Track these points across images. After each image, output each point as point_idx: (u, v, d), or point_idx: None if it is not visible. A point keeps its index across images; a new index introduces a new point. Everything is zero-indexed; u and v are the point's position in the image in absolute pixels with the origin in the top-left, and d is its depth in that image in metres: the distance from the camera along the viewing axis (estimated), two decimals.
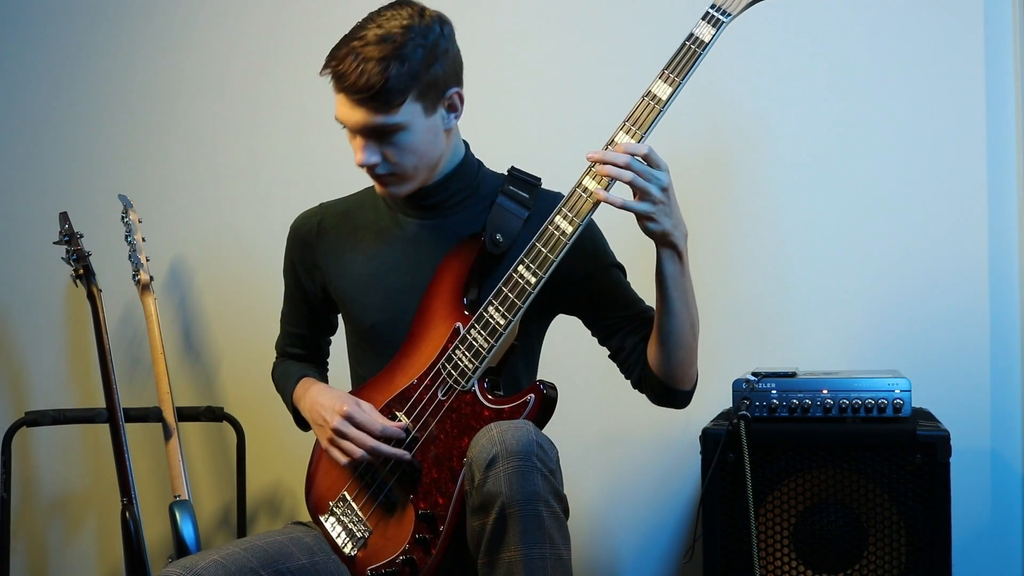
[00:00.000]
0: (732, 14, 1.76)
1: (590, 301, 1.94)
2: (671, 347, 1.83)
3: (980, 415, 2.39)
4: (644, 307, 1.94)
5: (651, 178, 1.70)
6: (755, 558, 1.98)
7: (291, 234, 2.02)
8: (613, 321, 1.93)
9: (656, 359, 1.85)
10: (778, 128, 2.50)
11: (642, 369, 1.90)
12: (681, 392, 1.89)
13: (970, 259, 2.41)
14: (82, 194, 2.95)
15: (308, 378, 2.00)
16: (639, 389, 1.94)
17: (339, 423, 1.81)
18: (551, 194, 1.93)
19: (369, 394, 1.89)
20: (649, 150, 1.71)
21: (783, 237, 2.50)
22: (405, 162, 1.81)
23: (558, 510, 1.61)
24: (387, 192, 1.87)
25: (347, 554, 1.84)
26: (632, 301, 1.94)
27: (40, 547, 2.98)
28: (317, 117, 2.79)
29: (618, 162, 1.69)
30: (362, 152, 1.80)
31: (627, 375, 1.94)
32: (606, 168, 1.70)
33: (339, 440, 1.82)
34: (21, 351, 3.02)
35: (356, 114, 1.77)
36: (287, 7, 2.85)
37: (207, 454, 2.89)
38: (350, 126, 1.80)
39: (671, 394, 1.89)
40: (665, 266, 1.78)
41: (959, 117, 2.42)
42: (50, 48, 3.01)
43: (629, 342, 1.91)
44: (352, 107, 1.77)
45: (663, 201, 1.71)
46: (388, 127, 1.77)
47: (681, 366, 1.85)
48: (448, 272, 1.86)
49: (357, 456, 1.80)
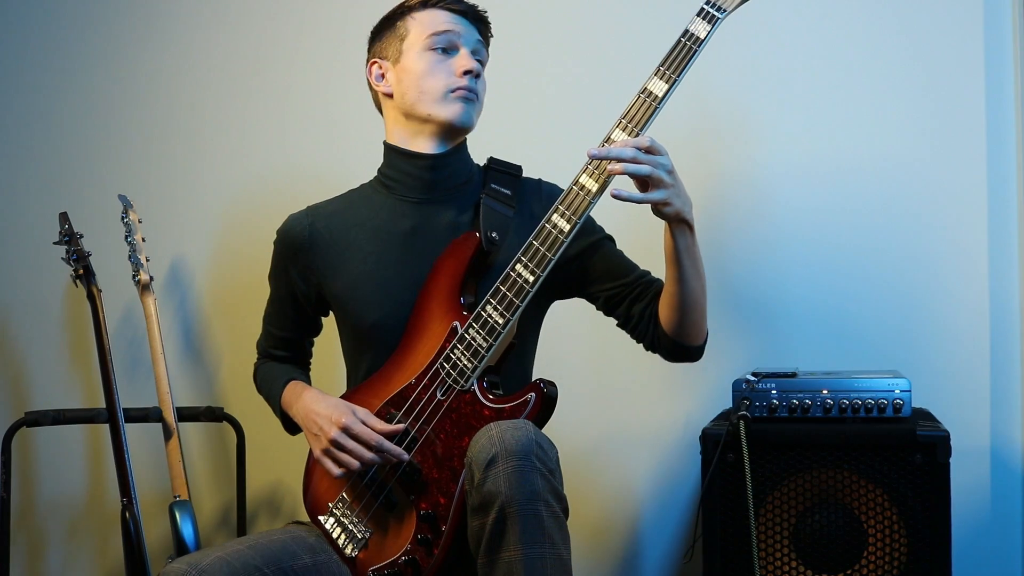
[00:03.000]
0: (727, 10, 1.76)
1: (587, 277, 1.96)
2: (686, 311, 1.86)
3: (980, 415, 2.39)
4: (642, 272, 1.97)
5: (659, 165, 1.71)
6: (755, 558, 1.98)
7: (280, 239, 2.01)
8: (615, 291, 1.95)
9: (671, 324, 1.88)
10: (777, 127, 2.50)
11: (654, 332, 1.92)
12: (695, 347, 1.93)
13: (970, 259, 2.41)
14: (82, 194, 2.95)
15: (296, 381, 1.99)
16: (652, 350, 1.96)
17: (336, 435, 1.80)
18: (533, 182, 1.99)
19: (366, 395, 1.89)
20: (651, 141, 1.72)
21: (783, 237, 2.49)
22: (482, 92, 1.98)
23: (558, 510, 1.61)
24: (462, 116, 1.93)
25: (348, 555, 1.84)
26: (629, 268, 1.97)
27: (40, 547, 2.98)
28: (318, 118, 2.80)
29: (625, 156, 1.70)
30: (470, 59, 1.94)
31: (639, 339, 1.97)
32: (616, 165, 1.71)
33: (335, 452, 1.81)
34: (21, 351, 3.02)
35: (471, 31, 1.97)
36: (287, 8, 2.85)
37: (207, 454, 2.89)
38: (462, 38, 1.95)
39: (685, 351, 1.92)
40: (678, 241, 1.80)
41: (959, 117, 2.42)
42: (50, 48, 3.01)
43: (636, 309, 1.93)
44: (468, 25, 1.97)
45: (673, 184, 1.73)
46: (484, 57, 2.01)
47: (695, 326, 1.89)
48: (444, 271, 1.86)
49: (353, 468, 1.80)
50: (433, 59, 1.92)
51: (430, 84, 1.92)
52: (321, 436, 1.83)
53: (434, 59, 1.92)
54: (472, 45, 1.96)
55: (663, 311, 1.89)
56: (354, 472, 1.81)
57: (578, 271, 1.95)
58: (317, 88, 2.80)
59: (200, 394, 2.88)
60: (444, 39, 1.93)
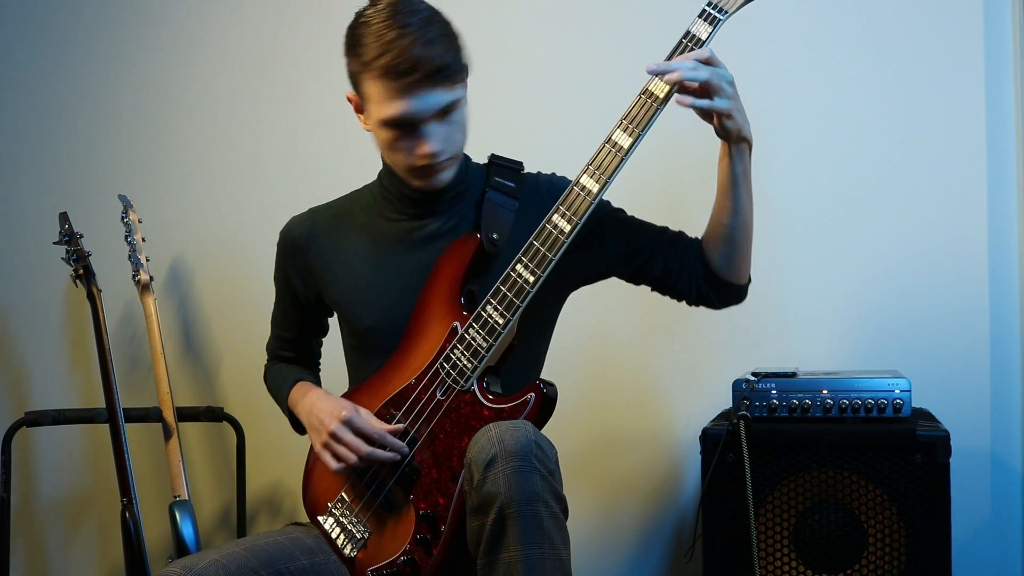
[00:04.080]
0: (728, 12, 1.76)
1: (610, 247, 1.92)
2: (741, 242, 1.85)
3: (980, 415, 2.39)
4: (661, 229, 1.94)
5: (721, 76, 1.71)
6: (755, 558, 1.98)
7: (282, 240, 2.01)
8: (641, 256, 1.91)
9: (722, 259, 1.86)
10: (777, 127, 2.50)
11: (698, 281, 1.89)
12: (743, 286, 1.92)
13: (970, 259, 2.41)
14: (82, 194, 2.95)
15: (304, 382, 2.00)
16: (697, 301, 1.92)
17: (337, 427, 1.80)
18: (533, 176, 1.96)
19: (366, 395, 1.89)
20: (711, 53, 1.72)
21: (783, 237, 2.49)
22: (458, 140, 1.84)
23: (557, 510, 1.61)
24: (435, 186, 1.85)
25: (347, 555, 1.84)
26: (648, 228, 1.94)
27: (40, 547, 2.98)
28: (317, 118, 2.80)
29: (687, 67, 1.69)
30: (432, 142, 1.78)
31: (680, 294, 1.92)
32: (679, 74, 1.69)
33: (334, 444, 1.81)
34: (21, 351, 3.02)
35: (431, 98, 1.75)
36: (288, 8, 2.85)
37: (207, 454, 2.89)
38: (418, 115, 1.75)
39: (737, 290, 1.91)
40: (736, 165, 1.79)
41: (959, 117, 2.42)
42: (50, 48, 3.01)
43: (672, 264, 1.89)
44: (423, 94, 1.74)
45: (734, 96, 1.73)
46: (455, 101, 1.78)
47: (746, 260, 1.89)
48: (444, 271, 1.85)
49: (351, 462, 1.80)
50: (392, 137, 1.80)
51: (393, 159, 1.86)
52: (321, 430, 1.83)
53: (393, 137, 1.80)
54: (433, 111, 1.76)
55: (714, 247, 1.87)
56: (352, 467, 1.81)
57: (601, 245, 1.91)
58: (317, 88, 2.80)
59: (200, 394, 2.88)
60: (399, 123, 1.77)
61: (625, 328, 2.58)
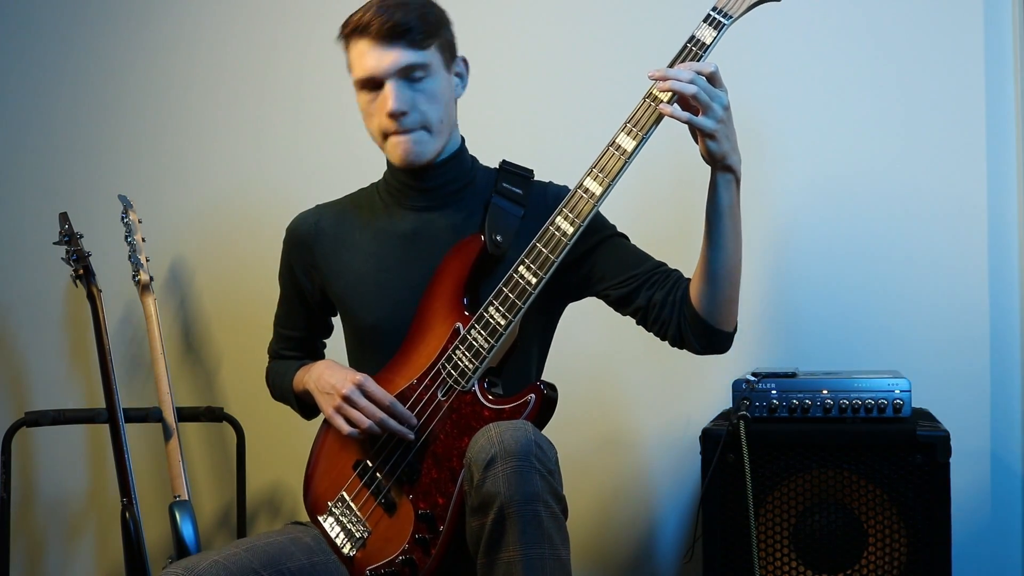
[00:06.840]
0: (733, 16, 1.76)
1: (597, 272, 1.89)
2: (721, 282, 1.77)
3: (980, 415, 2.39)
4: (658, 262, 1.89)
5: (714, 96, 1.69)
6: (755, 558, 1.98)
7: (288, 237, 2.02)
8: (632, 282, 1.86)
9: (703, 299, 1.79)
10: (777, 128, 2.50)
11: (680, 318, 1.82)
12: (726, 333, 1.82)
13: (970, 259, 2.41)
14: (82, 194, 2.95)
15: (308, 364, 2.00)
16: (678, 343, 1.85)
17: (350, 390, 1.80)
18: (542, 185, 1.95)
19: None
20: (715, 68, 1.70)
21: (783, 237, 2.49)
22: (431, 111, 1.84)
23: (557, 510, 1.61)
24: (409, 157, 1.85)
25: (346, 554, 1.84)
26: (645, 258, 1.90)
27: (40, 547, 2.98)
28: (317, 118, 2.80)
29: (683, 78, 1.68)
30: (393, 98, 1.81)
31: (662, 332, 1.86)
32: (669, 83, 1.69)
33: (347, 408, 1.80)
34: (21, 351, 3.02)
35: (389, 56, 1.80)
36: (288, 8, 2.85)
37: (207, 454, 2.89)
38: (381, 71, 1.80)
39: (717, 337, 1.81)
40: (721, 195, 1.75)
41: (959, 117, 2.42)
42: (51, 48, 3.01)
43: (657, 296, 1.84)
44: (384, 50, 1.79)
45: (724, 120, 1.70)
46: (419, 65, 1.81)
47: (729, 303, 1.80)
48: (448, 272, 1.86)
49: (364, 426, 1.79)
50: (366, 99, 1.85)
51: (369, 126, 1.88)
52: (333, 394, 1.83)
53: (367, 99, 1.85)
54: (394, 69, 1.80)
55: (695, 284, 1.80)
56: (365, 431, 1.79)
57: (588, 268, 1.90)
58: (317, 88, 2.80)
59: (200, 394, 2.88)
60: (368, 82, 1.83)
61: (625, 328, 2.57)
